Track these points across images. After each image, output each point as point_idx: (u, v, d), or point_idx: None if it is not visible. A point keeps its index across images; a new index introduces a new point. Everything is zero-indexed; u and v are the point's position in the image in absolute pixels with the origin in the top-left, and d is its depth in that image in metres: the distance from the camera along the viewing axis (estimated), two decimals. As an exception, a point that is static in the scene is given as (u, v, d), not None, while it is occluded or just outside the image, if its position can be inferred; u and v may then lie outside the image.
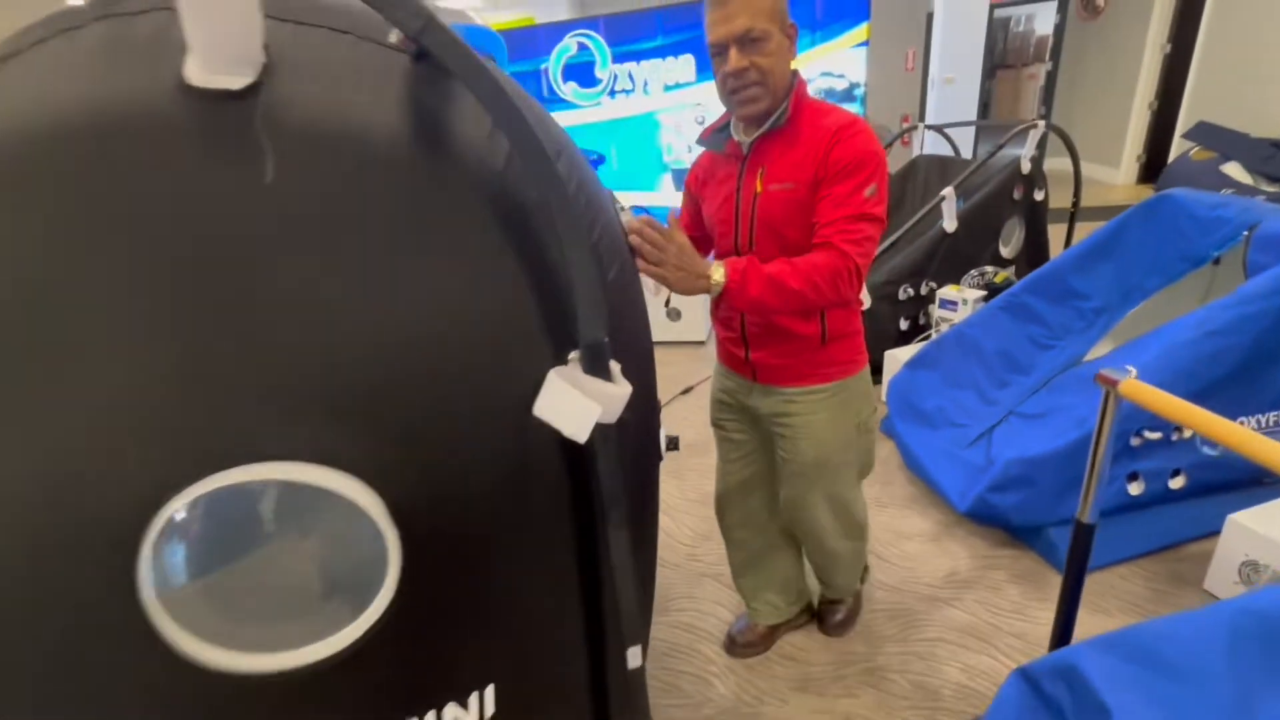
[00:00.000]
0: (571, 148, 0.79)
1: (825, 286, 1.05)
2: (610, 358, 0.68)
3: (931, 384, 2.35)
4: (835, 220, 1.07)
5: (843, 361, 1.27)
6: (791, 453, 1.32)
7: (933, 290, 3.01)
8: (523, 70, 5.13)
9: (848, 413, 1.30)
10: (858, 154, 1.08)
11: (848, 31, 4.40)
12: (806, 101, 1.16)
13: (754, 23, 1.03)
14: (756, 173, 1.17)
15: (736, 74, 1.07)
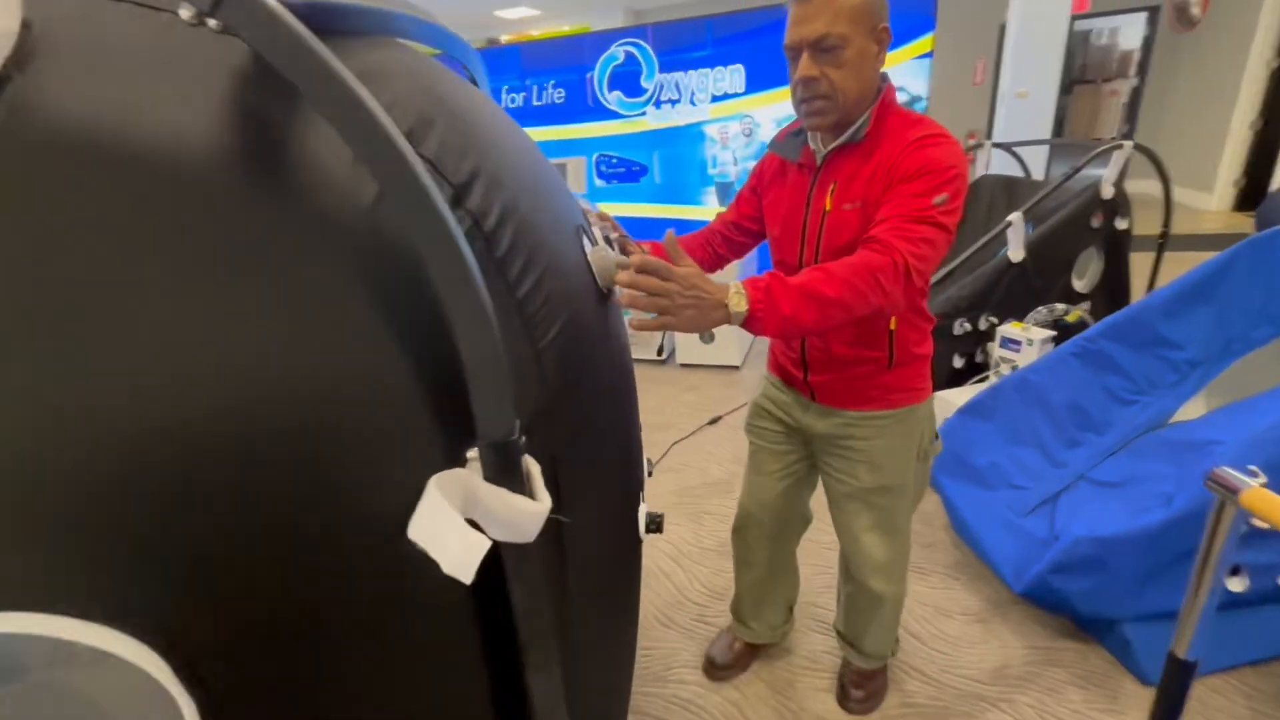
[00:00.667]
0: (511, 169, 0.61)
1: (867, 288, 0.88)
2: (520, 458, 0.50)
3: (987, 437, 2.07)
4: (890, 218, 0.94)
5: (910, 388, 1.17)
6: (847, 476, 1.24)
7: (993, 326, 2.70)
8: (569, 79, 5.05)
9: (910, 439, 1.21)
10: (933, 160, 0.95)
11: (911, 42, 4.11)
12: (893, 113, 1.03)
13: (832, 27, 0.92)
14: (828, 189, 1.07)
15: (805, 83, 0.97)
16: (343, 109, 0.39)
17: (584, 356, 0.67)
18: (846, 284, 0.87)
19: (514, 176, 0.61)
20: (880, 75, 1.03)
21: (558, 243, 0.66)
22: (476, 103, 0.64)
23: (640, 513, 0.91)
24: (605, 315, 0.77)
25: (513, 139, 0.71)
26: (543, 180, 0.74)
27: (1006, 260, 2.77)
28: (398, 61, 0.54)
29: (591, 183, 5.26)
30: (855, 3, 0.93)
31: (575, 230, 0.74)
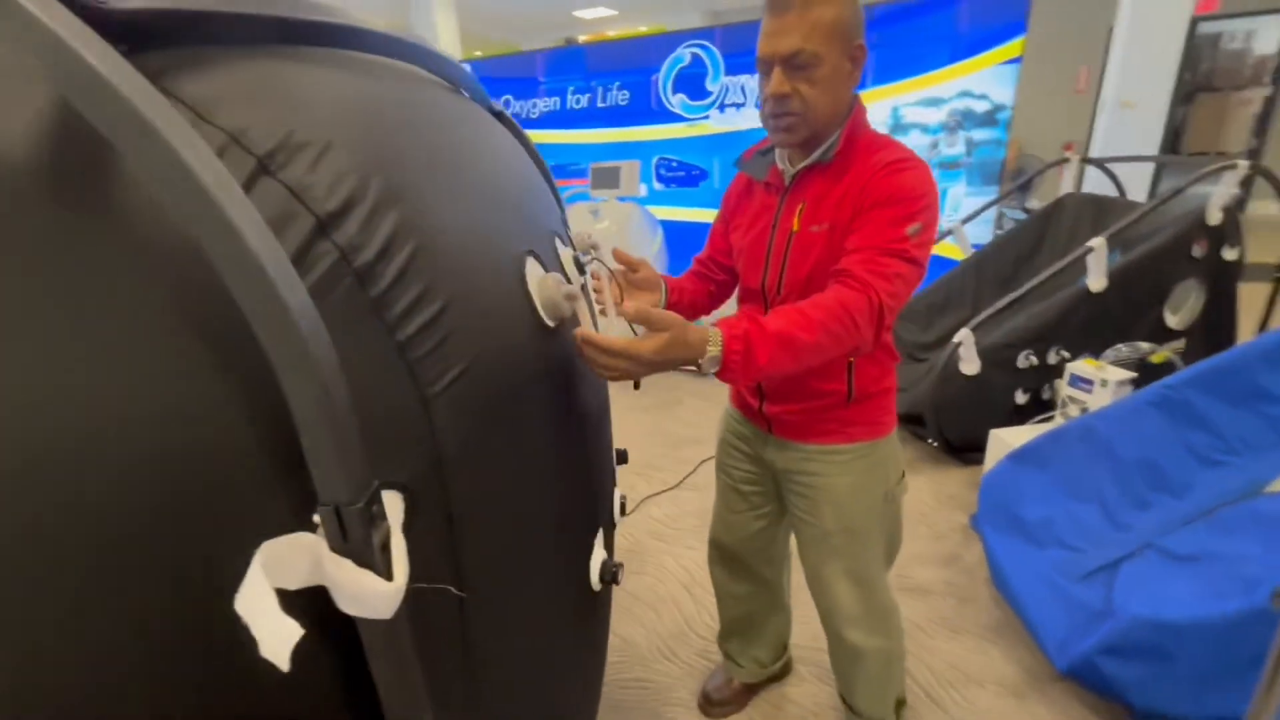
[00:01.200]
0: (428, 192, 0.56)
1: (843, 330, 0.86)
2: (372, 527, 0.44)
3: (1041, 487, 1.86)
4: (862, 249, 0.91)
5: (870, 421, 1.12)
6: (811, 516, 1.18)
7: (1064, 361, 2.44)
8: (633, 81, 5.01)
9: (874, 479, 1.15)
10: (903, 187, 0.92)
11: (997, 46, 3.81)
12: (863, 134, 1.00)
13: (806, 43, 0.89)
14: (796, 209, 1.04)
15: (776, 99, 0.94)
16: (121, 129, 0.34)
17: (503, 399, 0.60)
18: (823, 328, 0.84)
19: (429, 200, 0.56)
20: (852, 93, 0.99)
21: (480, 272, 0.59)
22: (402, 119, 0.59)
23: (594, 563, 0.84)
24: (546, 350, 0.70)
25: (457, 155, 0.66)
26: (486, 202, 0.68)
27: (1085, 289, 2.50)
28: (288, 76, 0.49)
29: (650, 186, 5.21)
30: (831, 19, 0.89)
31: (518, 256, 0.67)
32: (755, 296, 1.11)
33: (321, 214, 0.45)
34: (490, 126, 0.90)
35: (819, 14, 0.89)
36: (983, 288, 3.23)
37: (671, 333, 0.75)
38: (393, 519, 0.49)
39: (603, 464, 0.92)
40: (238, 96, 0.44)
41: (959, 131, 4.06)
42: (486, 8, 8.60)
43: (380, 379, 0.49)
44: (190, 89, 0.43)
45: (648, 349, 0.74)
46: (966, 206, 4.10)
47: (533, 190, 0.94)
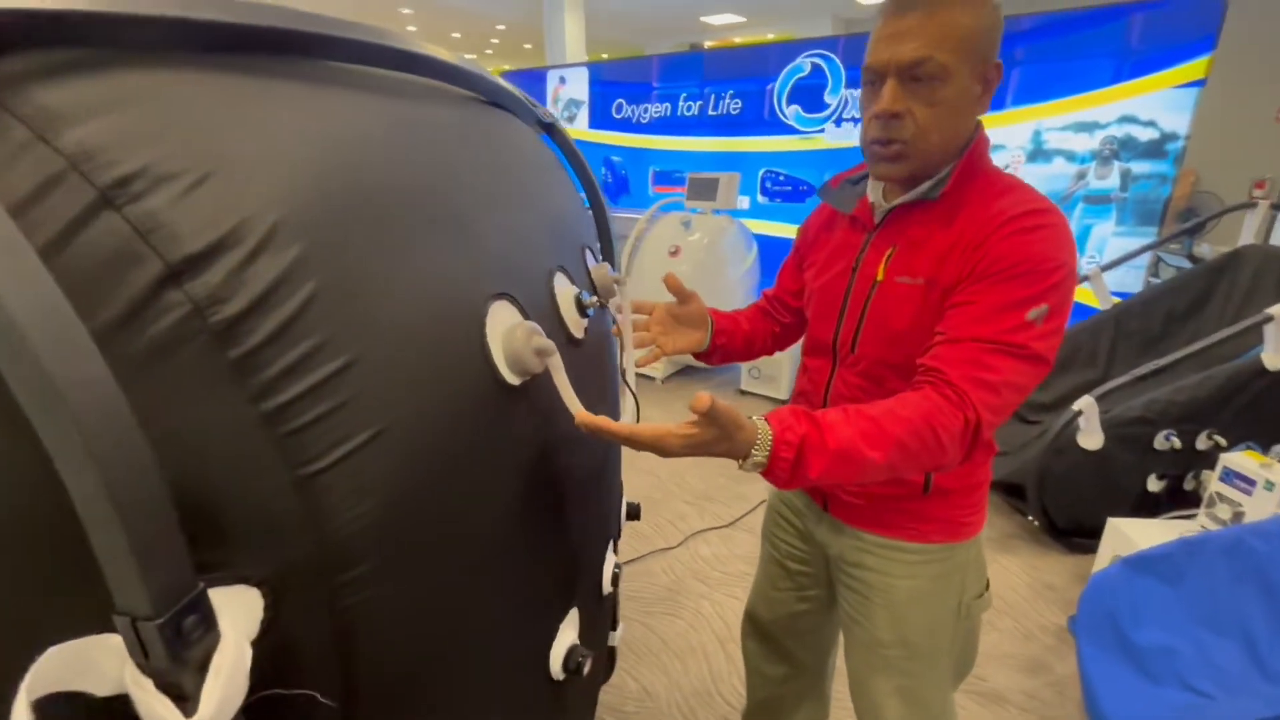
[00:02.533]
0: (355, 223, 0.47)
1: (924, 452, 0.69)
2: (183, 644, 0.36)
3: (1165, 605, 1.52)
4: (965, 340, 0.72)
5: (950, 520, 0.92)
6: (862, 618, 0.99)
7: (1217, 449, 2.02)
8: (747, 90, 4.84)
9: (947, 588, 0.94)
10: (1037, 254, 0.72)
11: (1175, 66, 3.27)
12: (983, 170, 0.81)
13: (932, 51, 0.72)
14: (884, 253, 0.86)
15: (884, 119, 0.76)
16: None
17: (433, 472, 0.51)
18: (899, 446, 0.67)
19: (360, 238, 0.47)
20: (976, 122, 0.81)
21: (421, 320, 0.50)
22: (349, 141, 0.51)
23: (558, 650, 0.73)
24: (507, 412, 0.60)
25: (434, 181, 0.57)
26: (465, 235, 0.59)
27: (1258, 364, 2.06)
28: (185, 91, 0.42)
29: (754, 199, 5.01)
30: (967, 26, 0.72)
31: (482, 302, 0.58)
32: (824, 350, 0.94)
33: (174, 258, 0.37)
34: (511, 142, 0.81)
35: (953, 18, 0.71)
36: (1121, 346, 2.77)
37: (718, 431, 0.62)
38: (239, 624, 0.41)
39: (589, 535, 0.81)
40: (99, 112, 0.37)
41: (1113, 162, 3.53)
42: (615, 11, 8.72)
43: (236, 456, 0.40)
44: (42, 101, 0.36)
45: (678, 443, 0.62)
46: (1114, 249, 3.56)
47: (557, 212, 0.85)
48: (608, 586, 0.90)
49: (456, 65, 0.72)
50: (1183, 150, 3.34)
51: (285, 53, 0.51)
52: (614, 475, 0.95)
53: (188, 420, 0.39)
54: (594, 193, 1.15)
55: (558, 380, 0.63)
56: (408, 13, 8.93)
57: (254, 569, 0.42)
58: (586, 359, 0.79)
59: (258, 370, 0.40)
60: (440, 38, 10.93)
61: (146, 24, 0.40)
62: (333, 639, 0.48)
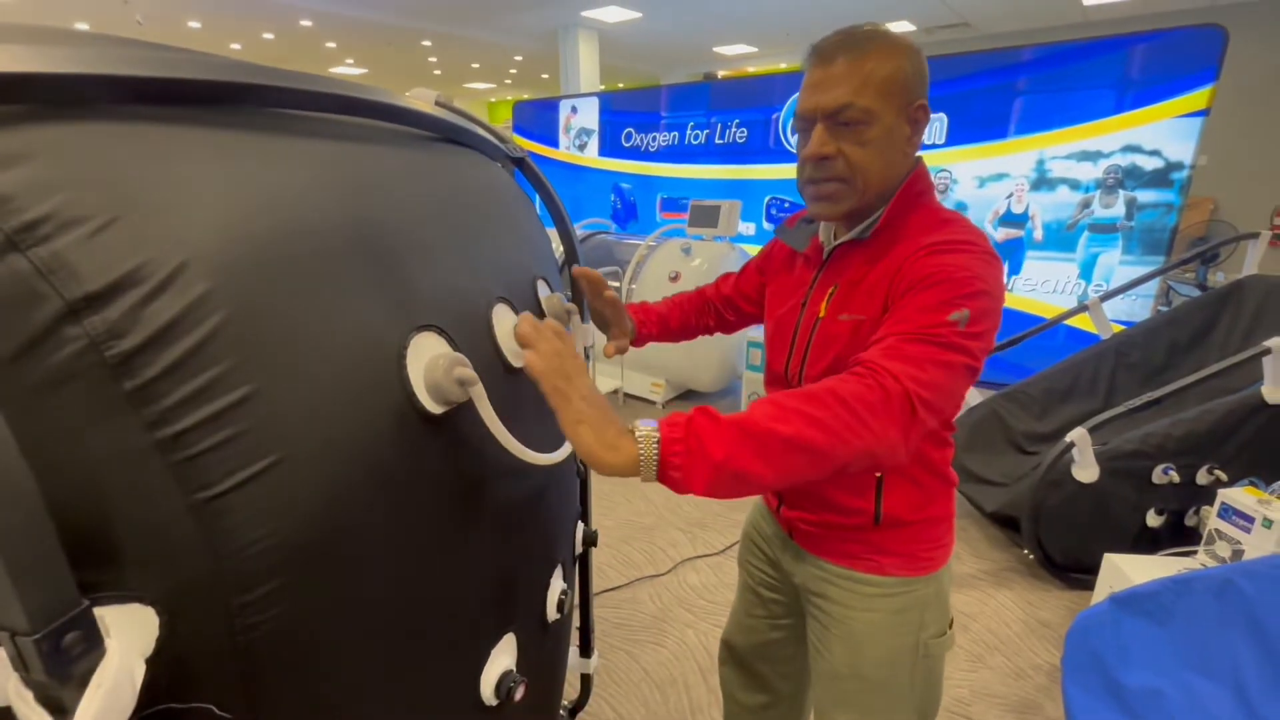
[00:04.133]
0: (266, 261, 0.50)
1: (843, 425, 0.61)
2: (61, 661, 0.38)
3: (1153, 646, 1.48)
4: (888, 336, 0.71)
5: (907, 554, 0.91)
6: (823, 647, 0.99)
7: (1218, 484, 1.97)
8: (753, 119, 4.91)
9: (904, 623, 0.93)
10: (947, 267, 0.73)
11: (1178, 96, 3.27)
12: (919, 210, 0.83)
13: (856, 98, 0.76)
14: (827, 291, 0.89)
15: (816, 161, 0.80)
16: None
17: (339, 499, 0.53)
18: (809, 419, 0.60)
19: (274, 274, 0.50)
20: (912, 159, 0.84)
21: (335, 352, 0.53)
22: (277, 184, 0.54)
23: (490, 675, 0.74)
24: (426, 440, 0.62)
25: (368, 216, 0.60)
26: (395, 271, 0.62)
27: (1259, 398, 2.01)
28: (107, 140, 0.45)
29: (759, 225, 5.05)
30: (888, 72, 0.76)
31: (404, 334, 0.60)
32: (779, 381, 0.98)
33: (73, 295, 0.40)
34: (464, 179, 0.85)
35: (873, 66, 0.76)
36: (1121, 377, 2.72)
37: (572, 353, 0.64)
38: (130, 641, 0.43)
39: (527, 560, 0.82)
40: (11, 165, 0.41)
41: (1118, 190, 3.52)
42: (629, 42, 8.95)
43: (130, 481, 0.43)
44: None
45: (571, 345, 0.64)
46: (1120, 276, 3.53)
47: (508, 245, 0.88)
48: (554, 613, 0.90)
49: (403, 107, 0.76)
50: (1188, 179, 3.31)
51: (210, 102, 0.55)
52: (562, 500, 0.96)
53: (81, 447, 0.41)
54: (563, 224, 1.18)
55: (481, 408, 0.65)
56: (428, 44, 9.26)
57: (148, 588, 0.45)
58: (528, 388, 0.80)
59: (153, 400, 0.43)
60: (460, 69, 11.28)
61: (60, 82, 0.43)
62: (233, 657, 0.49)
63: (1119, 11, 7.18)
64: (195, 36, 8.66)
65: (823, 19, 7.46)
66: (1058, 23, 7.64)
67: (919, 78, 0.78)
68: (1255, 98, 6.48)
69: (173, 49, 0.52)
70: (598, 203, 6.06)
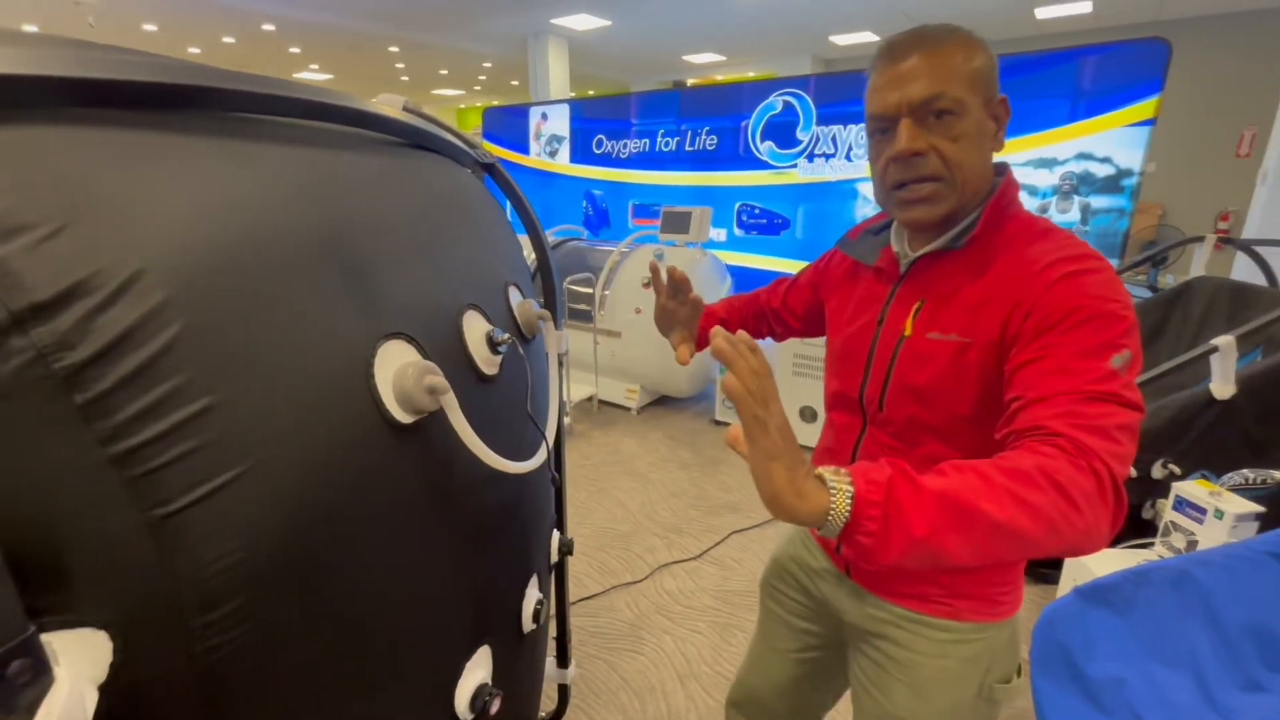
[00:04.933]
0: (230, 272, 0.49)
1: (1055, 512, 0.53)
2: (14, 684, 0.36)
3: (1115, 637, 1.52)
4: (1054, 396, 0.60)
5: (986, 598, 0.83)
6: (878, 693, 0.90)
7: (1172, 478, 2.05)
8: (722, 126, 4.97)
9: (974, 670, 0.85)
10: (1095, 298, 0.63)
11: (1127, 106, 3.41)
12: (1013, 216, 0.75)
13: (944, 87, 0.68)
14: (911, 307, 0.79)
15: (906, 160, 0.71)
16: None
17: (306, 511, 0.52)
18: (1023, 504, 0.52)
19: (234, 282, 0.49)
20: (997, 164, 0.77)
21: (296, 361, 0.52)
22: (240, 190, 0.53)
23: (464, 690, 0.72)
24: (396, 450, 0.60)
25: (331, 223, 0.59)
26: (362, 277, 0.60)
27: (1208, 394, 2.10)
28: (54, 146, 0.44)
29: (731, 231, 5.10)
30: (972, 63, 0.69)
31: (371, 342, 0.59)
32: (851, 407, 0.87)
33: (18, 306, 0.39)
34: (432, 185, 0.84)
35: (956, 56, 0.69)
36: (1082, 376, 2.81)
37: (783, 433, 0.52)
38: (80, 668, 0.41)
39: (501, 571, 0.81)
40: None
41: (1073, 196, 3.65)
42: (599, 49, 8.97)
43: (81, 499, 0.41)
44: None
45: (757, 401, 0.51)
46: (1078, 279, 3.65)
47: (478, 252, 0.87)
48: (530, 623, 0.89)
49: (372, 113, 0.75)
50: (1137, 185, 3.45)
51: (171, 106, 0.53)
52: (536, 509, 0.95)
53: (27, 464, 0.39)
54: (534, 230, 1.18)
55: (452, 417, 0.64)
56: (395, 50, 9.15)
57: (100, 612, 0.43)
58: (499, 395, 0.80)
59: (108, 414, 0.41)
60: (429, 75, 11.18)
61: (4, 83, 0.42)
62: (194, 680, 0.47)
63: (1070, 25, 7.47)
64: (151, 40, 8.41)
65: (787, 30, 7.61)
66: (1013, 35, 7.91)
67: (995, 72, 0.72)
68: (1198, 108, 6.80)
69: (129, 51, 0.50)
70: (570, 209, 6.05)
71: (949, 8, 6.82)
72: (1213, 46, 6.71)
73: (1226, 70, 6.72)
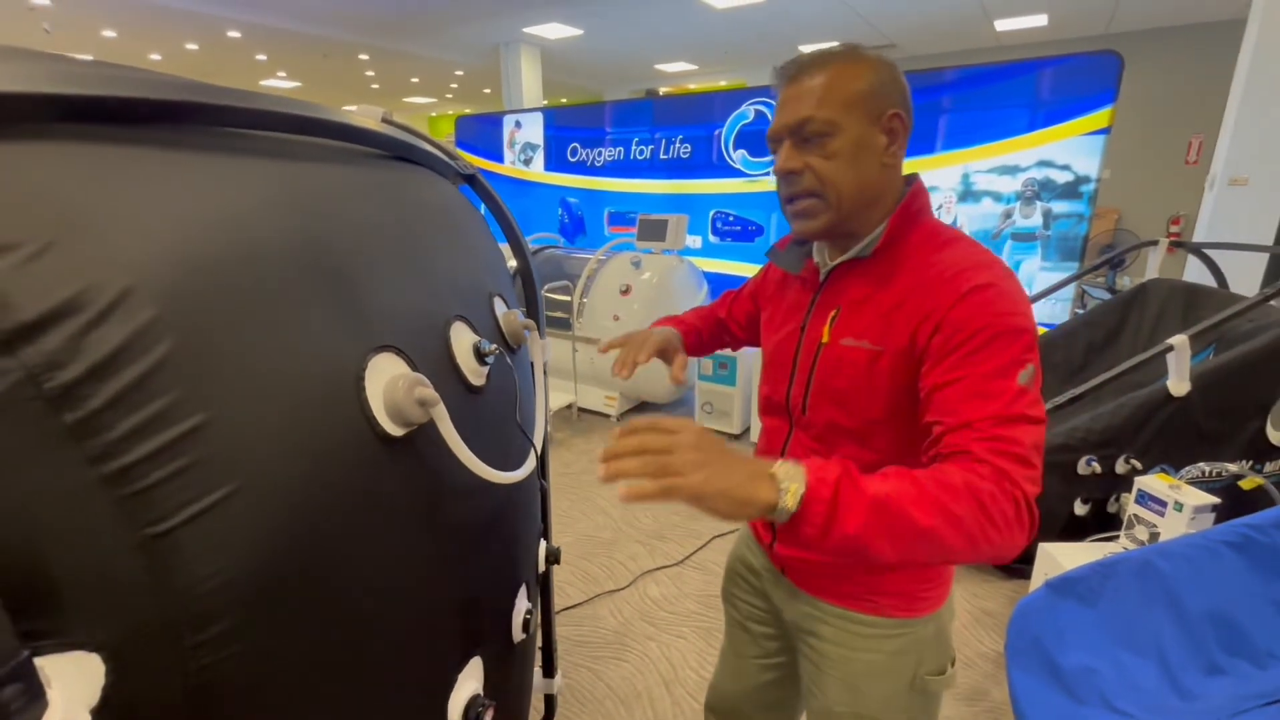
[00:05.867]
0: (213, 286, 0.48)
1: (977, 528, 0.59)
2: (9, 709, 0.36)
3: (1085, 627, 1.57)
4: (974, 423, 0.65)
5: (908, 594, 0.87)
6: (816, 689, 0.95)
7: (1134, 472, 2.12)
8: (696, 135, 5.02)
9: (903, 663, 0.89)
10: (997, 316, 0.68)
11: (1082, 116, 3.55)
12: (922, 225, 0.80)
13: (813, 111, 0.74)
14: (828, 315, 0.84)
15: (784, 177, 0.79)
16: None
17: (297, 527, 0.51)
18: (949, 515, 0.58)
19: (221, 299, 0.49)
20: (901, 175, 0.81)
21: (287, 376, 0.52)
22: (222, 204, 0.53)
23: (456, 701, 0.72)
24: (387, 462, 0.61)
25: (315, 239, 0.59)
26: (349, 290, 0.60)
27: (1165, 392, 2.19)
28: (36, 164, 0.43)
29: (705, 239, 5.15)
30: (850, 83, 0.74)
31: (361, 355, 0.59)
32: (779, 411, 0.93)
33: (5, 326, 0.38)
34: (415, 196, 0.84)
35: (833, 79, 0.74)
36: (1047, 377, 2.90)
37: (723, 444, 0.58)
38: (73, 692, 0.40)
39: (491, 582, 0.81)
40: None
41: (1035, 202, 3.77)
42: (571, 59, 9.00)
43: (73, 519, 0.41)
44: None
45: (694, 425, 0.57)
46: (1041, 282, 3.77)
47: (462, 263, 0.87)
48: (519, 633, 0.89)
49: (355, 126, 0.75)
50: (1095, 191, 3.59)
51: (155, 121, 0.53)
52: (524, 519, 0.95)
53: (17, 485, 0.39)
54: (515, 240, 1.18)
55: (443, 429, 0.64)
56: (365, 58, 9.05)
57: (93, 634, 0.42)
58: (488, 406, 0.80)
59: (98, 433, 0.41)
60: (399, 83, 11.07)
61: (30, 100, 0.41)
62: (187, 701, 0.47)
63: (1028, 37, 7.74)
64: (110, 46, 8.18)
65: (757, 40, 7.74)
66: (973, 46, 8.16)
67: (890, 87, 0.76)
68: (1149, 117, 7.09)
69: (113, 65, 0.50)
70: (545, 217, 6.04)
71: (910, 19, 7.01)
72: (1162, 58, 7.01)
73: (1175, 80, 7.02)
